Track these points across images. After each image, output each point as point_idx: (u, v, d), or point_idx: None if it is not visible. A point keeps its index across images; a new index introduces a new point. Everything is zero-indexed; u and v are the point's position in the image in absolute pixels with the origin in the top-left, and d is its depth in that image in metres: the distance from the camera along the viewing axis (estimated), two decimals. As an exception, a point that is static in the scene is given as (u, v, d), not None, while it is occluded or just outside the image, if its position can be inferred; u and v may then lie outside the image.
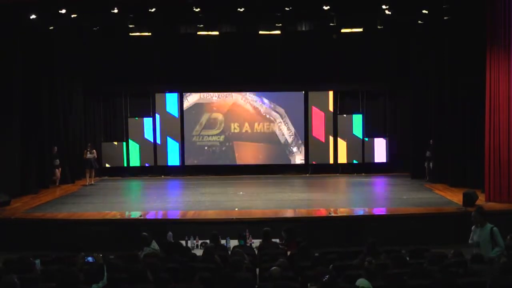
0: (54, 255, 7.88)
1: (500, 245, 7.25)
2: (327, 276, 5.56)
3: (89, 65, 17.46)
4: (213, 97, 18.25)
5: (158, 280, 5.81)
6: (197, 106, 18.15)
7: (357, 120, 18.04)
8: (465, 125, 14.31)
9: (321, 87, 18.06)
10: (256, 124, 18.16)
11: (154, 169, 18.05)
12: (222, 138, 18.12)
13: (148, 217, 11.95)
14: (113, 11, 13.23)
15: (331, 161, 18.05)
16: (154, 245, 8.60)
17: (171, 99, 18.18)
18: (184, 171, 18.08)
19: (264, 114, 18.18)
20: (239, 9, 13.48)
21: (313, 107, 18.13)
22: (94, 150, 16.42)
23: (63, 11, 13.09)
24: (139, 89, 17.86)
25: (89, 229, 11.38)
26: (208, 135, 18.10)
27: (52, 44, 15.77)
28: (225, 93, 18.24)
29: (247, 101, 18.28)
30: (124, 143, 18.00)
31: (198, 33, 15.44)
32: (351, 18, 15.04)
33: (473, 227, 7.67)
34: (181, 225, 11.19)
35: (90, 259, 6.75)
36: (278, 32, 15.70)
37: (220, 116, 18.10)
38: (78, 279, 5.59)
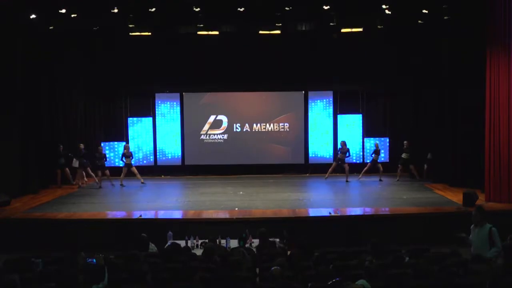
0: (54, 255, 7.88)
1: (497, 245, 7.25)
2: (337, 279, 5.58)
3: (89, 65, 17.46)
4: (215, 97, 18.27)
5: (158, 280, 5.82)
6: (202, 106, 18.18)
7: (357, 120, 18.05)
8: (465, 125, 14.31)
9: (321, 87, 18.07)
10: (255, 125, 18.17)
11: (154, 169, 18.06)
12: (225, 137, 18.14)
13: (148, 217, 11.95)
14: (113, 11, 13.23)
15: (331, 161, 18.05)
16: (152, 247, 8.60)
17: (171, 99, 18.20)
18: (185, 171, 18.08)
19: (263, 114, 18.18)
20: (239, 9, 13.49)
21: (313, 107, 18.15)
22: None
23: (63, 11, 13.10)
24: (139, 89, 17.85)
25: (89, 229, 11.38)
26: (213, 134, 18.13)
27: (52, 44, 15.77)
28: (225, 93, 18.26)
29: (247, 101, 18.29)
30: (124, 143, 17.99)
31: (198, 33, 15.44)
32: (351, 18, 15.03)
33: (472, 226, 7.68)
34: (181, 225, 11.21)
35: (91, 260, 6.75)
36: (278, 32, 15.70)
37: (223, 117, 18.14)
38: (77, 280, 5.59)
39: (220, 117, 18.15)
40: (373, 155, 16.60)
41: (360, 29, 15.73)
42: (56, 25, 14.70)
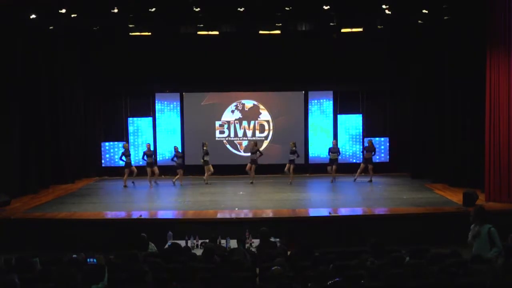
0: (54, 255, 7.88)
1: (498, 245, 7.23)
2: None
3: (89, 65, 17.46)
4: (215, 97, 18.29)
5: (158, 280, 5.82)
6: (202, 106, 18.18)
7: (357, 120, 18.05)
8: (465, 125, 14.32)
9: (321, 87, 18.08)
10: (254, 124, 18.18)
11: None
12: (225, 137, 18.16)
13: (148, 217, 11.95)
14: (113, 11, 13.23)
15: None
16: (152, 247, 8.60)
17: (171, 99, 18.21)
18: (185, 171, 18.05)
19: (263, 114, 18.19)
20: (239, 9, 13.48)
21: (313, 107, 18.16)
22: None
23: (63, 11, 13.10)
24: (139, 89, 17.86)
25: (89, 229, 11.39)
26: (216, 135, 18.18)
27: (52, 44, 15.77)
28: (225, 93, 18.26)
29: (247, 101, 18.28)
30: (124, 143, 17.99)
31: (198, 33, 15.44)
32: (351, 18, 15.03)
33: (472, 226, 7.67)
34: (181, 225, 11.21)
35: (92, 260, 6.75)
36: (278, 32, 15.70)
37: (223, 116, 18.16)
38: (77, 280, 5.58)
39: (225, 117, 18.16)
40: (364, 153, 16.46)
41: (360, 29, 15.73)
42: (56, 25, 14.70)
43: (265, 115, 18.21)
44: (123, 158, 16.14)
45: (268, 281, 6.21)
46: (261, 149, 17.00)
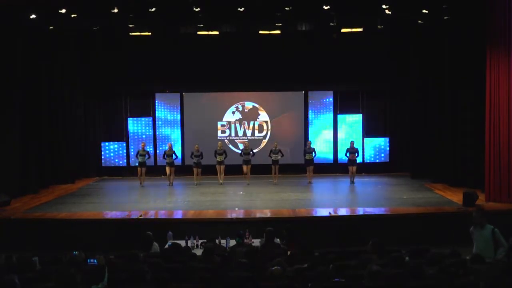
0: (54, 255, 7.87)
1: (504, 244, 7.21)
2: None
3: (89, 65, 17.47)
4: (215, 97, 18.30)
5: (158, 280, 5.81)
6: (202, 106, 18.22)
7: (357, 120, 18.04)
8: (465, 125, 14.32)
9: (321, 87, 18.08)
10: (254, 125, 18.18)
11: (154, 169, 18.04)
12: (225, 137, 18.17)
13: (148, 217, 11.95)
14: (113, 11, 13.23)
15: (331, 161, 18.09)
16: (156, 247, 8.60)
17: (171, 99, 18.21)
18: (184, 171, 18.05)
19: (262, 115, 18.20)
20: (239, 9, 13.48)
21: (313, 107, 18.15)
22: None
23: (63, 11, 13.11)
24: (139, 89, 17.87)
25: (89, 229, 11.39)
26: (218, 135, 18.21)
27: (52, 44, 15.78)
28: (225, 93, 18.27)
29: (247, 101, 18.28)
30: (124, 143, 18.02)
31: (198, 33, 15.44)
32: (351, 18, 15.04)
33: (471, 228, 7.64)
34: (181, 225, 11.22)
35: (92, 261, 6.73)
36: (278, 32, 15.70)
37: (226, 117, 18.20)
38: (76, 280, 5.57)
39: (227, 117, 18.18)
40: (348, 155, 16.28)
41: (360, 29, 15.73)
42: (56, 25, 14.71)
43: (263, 116, 18.28)
44: (138, 157, 16.13)
45: (268, 281, 6.21)
46: (260, 147, 16.98)
